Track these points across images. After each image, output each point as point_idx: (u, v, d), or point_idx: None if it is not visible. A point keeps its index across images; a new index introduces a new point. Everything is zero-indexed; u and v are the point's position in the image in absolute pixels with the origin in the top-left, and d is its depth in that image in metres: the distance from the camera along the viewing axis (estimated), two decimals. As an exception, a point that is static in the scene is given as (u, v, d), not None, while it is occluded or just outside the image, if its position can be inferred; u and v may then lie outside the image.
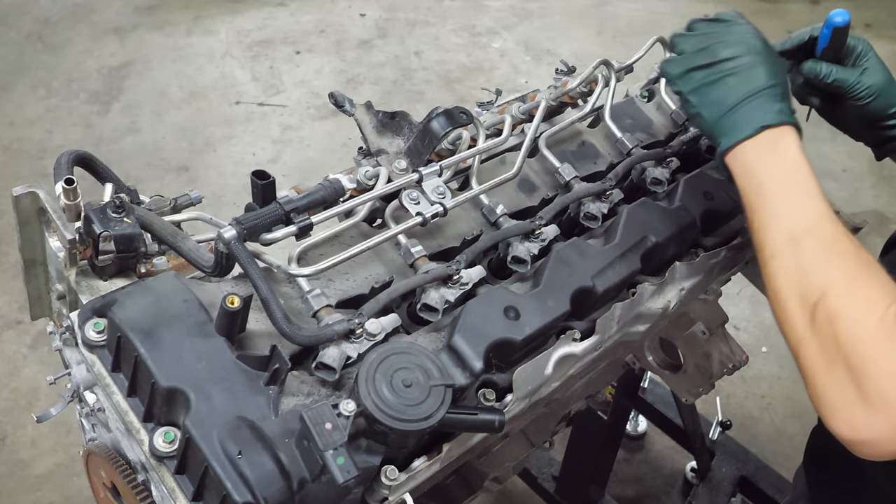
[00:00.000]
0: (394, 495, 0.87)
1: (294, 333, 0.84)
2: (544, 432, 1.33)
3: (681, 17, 1.15)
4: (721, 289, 1.47)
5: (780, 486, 2.15)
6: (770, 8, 5.08)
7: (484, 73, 4.33)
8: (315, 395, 0.86)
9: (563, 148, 1.27)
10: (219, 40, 4.47)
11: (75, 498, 2.34)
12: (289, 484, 0.76)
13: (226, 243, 0.86)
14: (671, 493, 2.44)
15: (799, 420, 2.67)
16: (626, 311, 1.06)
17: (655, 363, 1.62)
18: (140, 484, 0.87)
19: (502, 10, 4.93)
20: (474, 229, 1.12)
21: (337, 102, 1.18)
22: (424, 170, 1.05)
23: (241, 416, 0.78)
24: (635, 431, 2.56)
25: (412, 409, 0.80)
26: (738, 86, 0.97)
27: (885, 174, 3.68)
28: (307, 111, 3.97)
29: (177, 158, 3.63)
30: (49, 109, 3.87)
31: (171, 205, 1.02)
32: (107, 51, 4.31)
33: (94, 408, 0.92)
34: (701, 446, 2.17)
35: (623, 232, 1.12)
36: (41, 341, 2.75)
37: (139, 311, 0.83)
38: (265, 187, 0.90)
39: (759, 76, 0.96)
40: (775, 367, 2.85)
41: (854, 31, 1.10)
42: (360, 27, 4.67)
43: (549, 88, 1.33)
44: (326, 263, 0.94)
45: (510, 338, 0.94)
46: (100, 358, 0.85)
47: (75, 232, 0.91)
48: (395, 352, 0.84)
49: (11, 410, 2.56)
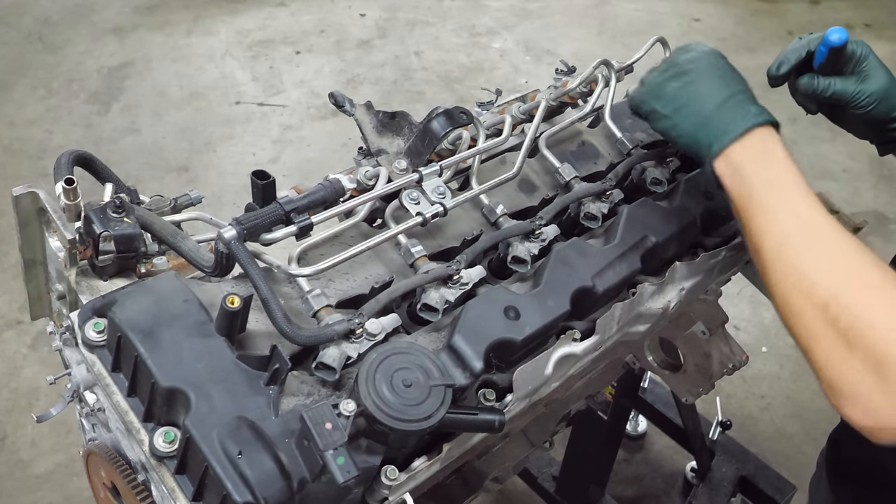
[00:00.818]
0: (394, 495, 0.87)
1: (294, 333, 0.84)
2: (544, 432, 1.33)
3: (680, 16, 1.16)
4: (721, 289, 1.47)
5: (780, 486, 2.15)
6: (770, 8, 5.08)
7: (484, 73, 4.33)
8: (315, 395, 0.86)
9: (563, 148, 1.27)
10: (219, 40, 4.47)
11: (75, 498, 2.34)
12: (289, 484, 0.76)
13: (226, 243, 0.86)
14: (671, 493, 2.44)
15: (799, 420, 2.67)
16: (626, 311, 1.06)
17: (655, 363, 1.62)
18: (140, 484, 0.87)
19: (502, 10, 4.93)
20: (474, 229, 1.12)
21: (337, 102, 1.18)
22: (424, 170, 1.05)
23: (241, 416, 0.78)
24: (635, 431, 2.56)
25: (412, 409, 0.80)
26: (711, 93, 0.98)
27: (885, 174, 3.68)
28: (307, 111, 3.97)
29: (177, 158, 3.63)
30: (49, 109, 3.87)
31: (171, 205, 1.02)
32: (107, 51, 4.31)
33: (94, 408, 0.92)
34: (701, 446, 2.17)
35: (623, 232, 1.12)
36: (41, 341, 2.75)
37: (139, 311, 0.83)
38: (265, 187, 0.90)
39: (727, 82, 0.99)
40: (775, 367, 2.85)
41: (854, 32, 1.10)
42: (360, 27, 4.67)
43: (549, 88, 1.33)
44: (326, 263, 0.94)
45: (510, 338, 0.94)
46: (100, 358, 0.85)
47: (75, 232, 0.91)
48: (395, 352, 0.84)
49: (11, 410, 2.56)
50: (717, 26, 4.82)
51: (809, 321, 0.84)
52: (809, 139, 3.69)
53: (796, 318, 0.86)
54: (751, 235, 0.92)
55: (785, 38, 4.76)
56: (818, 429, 2.61)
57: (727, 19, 4.92)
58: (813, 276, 0.85)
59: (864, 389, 0.79)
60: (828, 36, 1.07)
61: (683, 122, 1.00)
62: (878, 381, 0.78)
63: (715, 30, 4.78)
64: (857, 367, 0.79)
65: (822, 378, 0.83)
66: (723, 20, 4.90)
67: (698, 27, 4.78)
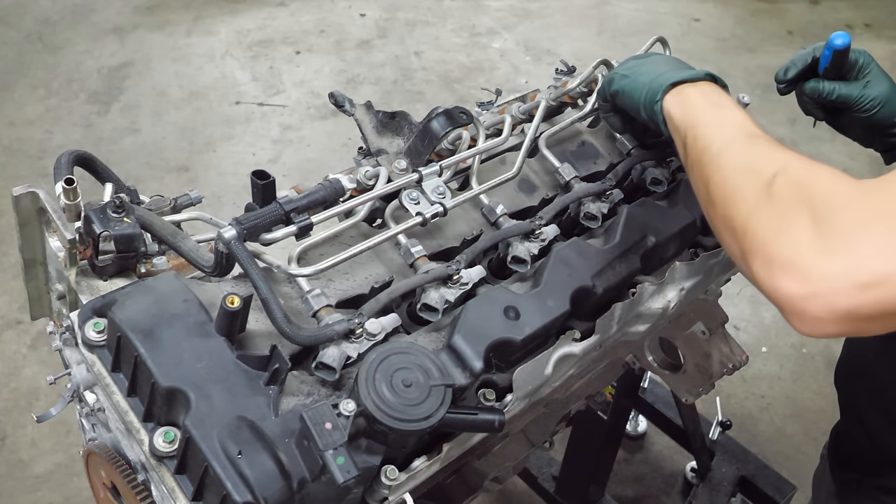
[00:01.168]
0: (394, 495, 0.87)
1: (294, 333, 0.84)
2: (544, 432, 1.33)
3: (680, 16, 1.18)
4: (721, 289, 1.47)
5: (780, 486, 2.15)
6: (770, 8, 5.08)
7: (484, 73, 4.33)
8: (315, 395, 0.86)
9: (563, 148, 1.27)
10: (219, 40, 4.47)
11: (75, 498, 2.34)
12: (289, 484, 0.76)
13: (226, 243, 0.86)
14: (671, 493, 2.44)
15: (799, 420, 2.67)
16: (626, 311, 1.06)
17: (655, 363, 1.62)
18: (140, 484, 0.87)
19: (502, 10, 4.93)
20: (474, 229, 1.12)
21: (337, 102, 1.18)
22: (424, 170, 1.05)
23: (241, 416, 0.78)
24: (635, 431, 2.56)
25: (412, 409, 0.80)
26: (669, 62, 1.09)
27: (884, 174, 3.67)
28: (307, 111, 3.97)
29: (177, 158, 3.63)
30: (49, 109, 3.87)
31: (171, 205, 1.02)
32: (107, 51, 4.31)
33: (94, 408, 0.92)
34: (701, 446, 2.17)
35: (623, 232, 1.12)
36: (41, 341, 2.75)
37: (139, 311, 0.83)
38: (265, 187, 0.90)
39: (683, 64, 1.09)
40: (775, 367, 2.85)
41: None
42: (360, 27, 4.67)
43: (549, 88, 1.33)
44: (326, 263, 0.94)
45: (510, 338, 0.94)
46: (100, 358, 0.85)
47: (75, 232, 0.91)
48: (395, 352, 0.84)
49: (11, 410, 2.56)
50: (717, 26, 4.82)
51: (750, 198, 0.81)
52: (809, 139, 3.68)
53: (736, 202, 0.82)
54: (697, 140, 0.93)
55: (785, 38, 4.77)
56: (818, 429, 2.61)
57: (727, 19, 4.92)
58: (761, 156, 0.85)
59: (802, 253, 0.73)
60: (832, 40, 1.09)
61: (640, 78, 1.06)
62: (820, 242, 0.72)
63: (715, 30, 4.78)
64: (797, 233, 0.74)
65: (757, 258, 0.77)
66: (723, 20, 4.90)
67: (698, 27, 4.78)
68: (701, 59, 1.23)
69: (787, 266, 0.73)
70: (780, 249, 0.74)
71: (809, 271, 0.71)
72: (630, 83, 1.07)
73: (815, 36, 4.78)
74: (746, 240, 0.79)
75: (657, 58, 1.12)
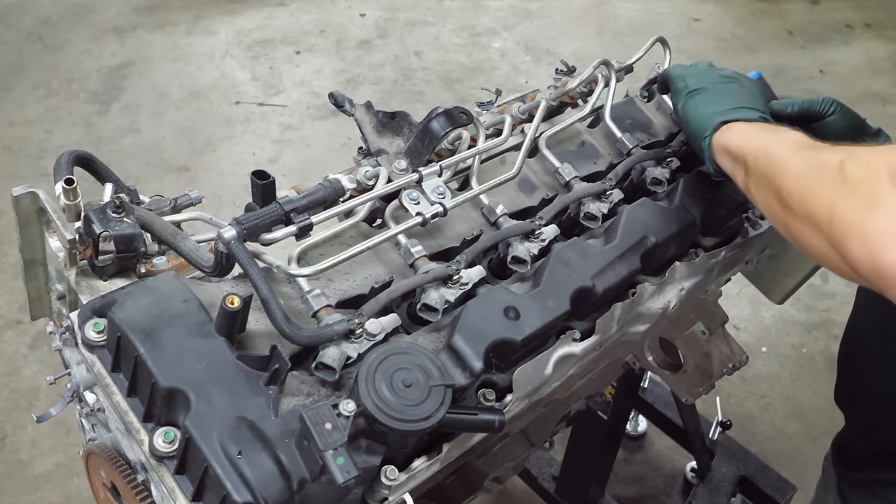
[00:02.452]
0: (394, 495, 0.87)
1: (294, 333, 0.84)
2: (544, 432, 1.33)
3: (680, 16, 1.19)
4: (721, 289, 1.47)
5: (780, 486, 2.15)
6: (770, 8, 5.08)
7: (484, 73, 4.33)
8: (315, 395, 0.86)
9: (563, 148, 1.27)
10: (219, 40, 4.47)
11: (75, 498, 2.34)
12: (289, 484, 0.76)
13: (226, 243, 0.86)
14: (671, 493, 2.44)
15: (799, 420, 2.67)
16: (626, 311, 1.06)
17: (655, 363, 1.62)
18: (140, 484, 0.87)
19: (502, 10, 4.93)
20: (474, 229, 1.12)
21: (337, 102, 1.18)
22: (424, 170, 1.05)
23: (241, 416, 0.78)
24: (635, 431, 2.56)
25: (412, 410, 0.80)
26: (740, 92, 1.12)
27: None
28: (307, 111, 3.97)
29: (177, 158, 3.63)
30: (49, 109, 3.87)
31: (171, 205, 1.02)
32: (107, 51, 4.31)
33: (94, 408, 0.92)
34: (701, 446, 2.17)
35: (623, 232, 1.12)
36: (41, 341, 2.75)
37: (139, 311, 0.83)
38: (265, 187, 0.90)
39: (757, 98, 1.12)
40: (775, 367, 2.85)
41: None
42: (360, 27, 4.67)
43: (549, 88, 1.33)
44: (326, 263, 0.94)
45: (510, 338, 0.94)
46: (100, 358, 0.85)
47: (75, 232, 0.91)
48: (394, 352, 0.84)
49: (11, 410, 2.56)
50: (716, 26, 4.82)
51: (828, 187, 0.83)
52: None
53: (814, 196, 0.85)
54: (759, 159, 0.97)
55: (785, 38, 4.77)
56: (818, 429, 2.62)
57: (727, 19, 4.92)
58: (824, 154, 0.87)
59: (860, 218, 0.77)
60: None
61: (701, 108, 1.10)
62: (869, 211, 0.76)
63: (715, 30, 4.78)
64: (887, 201, 0.76)
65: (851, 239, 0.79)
66: (723, 20, 4.90)
67: (698, 27, 4.78)
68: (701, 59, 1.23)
69: (889, 235, 0.74)
70: (875, 223, 0.76)
71: (869, 237, 0.74)
72: (692, 108, 1.12)
73: (814, 36, 4.79)
74: (835, 228, 0.80)
75: (730, 87, 1.13)
